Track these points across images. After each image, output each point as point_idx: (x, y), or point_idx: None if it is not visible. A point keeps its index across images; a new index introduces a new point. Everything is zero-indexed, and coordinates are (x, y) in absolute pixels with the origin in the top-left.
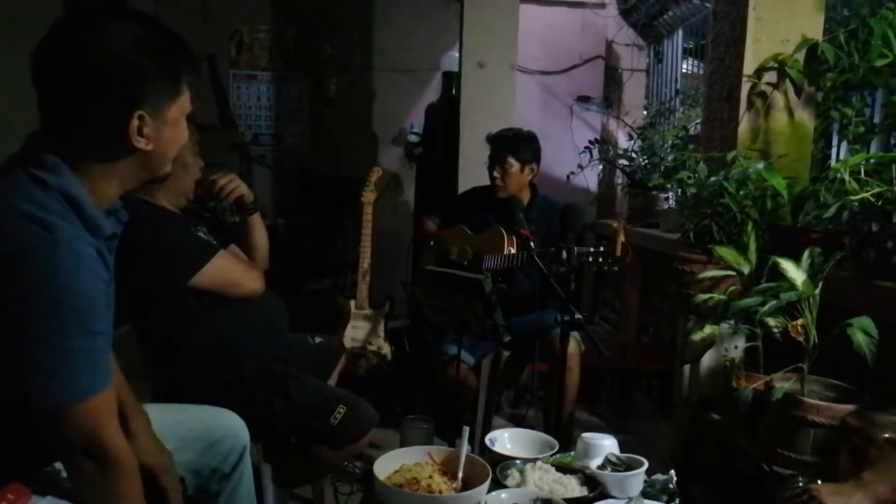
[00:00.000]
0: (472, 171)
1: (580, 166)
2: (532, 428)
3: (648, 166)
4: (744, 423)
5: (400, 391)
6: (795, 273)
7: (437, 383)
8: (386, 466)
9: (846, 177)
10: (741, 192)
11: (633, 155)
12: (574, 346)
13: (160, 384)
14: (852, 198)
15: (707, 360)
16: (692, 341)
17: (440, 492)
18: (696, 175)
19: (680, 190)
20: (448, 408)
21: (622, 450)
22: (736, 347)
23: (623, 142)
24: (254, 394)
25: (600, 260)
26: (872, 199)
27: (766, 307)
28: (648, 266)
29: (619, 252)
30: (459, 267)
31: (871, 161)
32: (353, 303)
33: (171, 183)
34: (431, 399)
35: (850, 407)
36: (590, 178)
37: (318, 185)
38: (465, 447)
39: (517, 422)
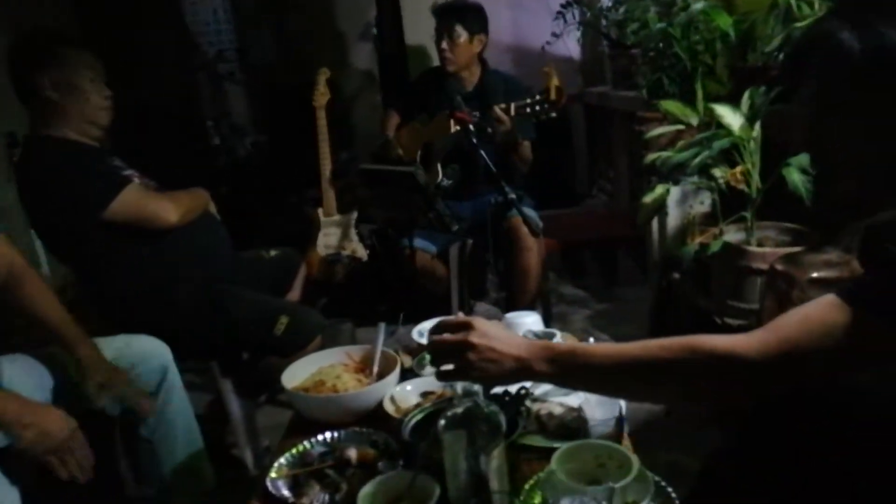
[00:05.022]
0: (419, 51)
1: (554, 34)
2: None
3: (625, 22)
4: (699, 278)
5: (381, 290)
6: (732, 118)
7: (406, 277)
8: (300, 372)
9: (793, 1)
10: (694, 38)
11: (608, 13)
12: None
13: (99, 318)
14: (797, 25)
15: (673, 219)
16: (644, 203)
17: (346, 390)
18: (647, 26)
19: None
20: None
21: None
22: (702, 203)
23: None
24: (192, 317)
25: (537, 109)
26: None
27: (697, 159)
28: (634, 132)
29: (553, 95)
30: (405, 163)
31: None
32: (320, 211)
33: (72, 113)
34: (410, 294)
35: (788, 250)
36: (571, 46)
37: (288, 95)
38: (380, 343)
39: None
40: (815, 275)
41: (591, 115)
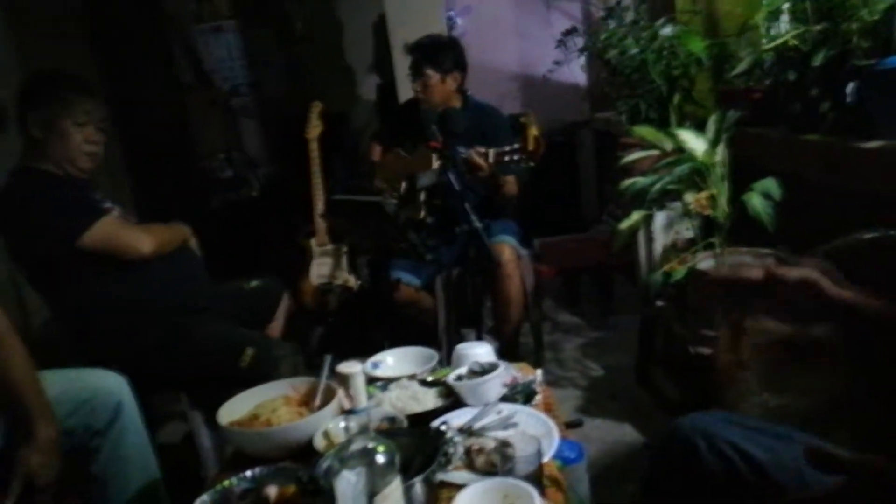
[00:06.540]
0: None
1: (556, 62)
2: None
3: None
4: (677, 307)
5: (378, 320)
6: (695, 143)
7: (394, 309)
8: (241, 405)
9: (760, 23)
10: (673, 63)
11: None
12: (509, 252)
13: (69, 350)
14: (765, 47)
15: (659, 245)
16: (619, 230)
17: (280, 424)
18: (624, 51)
19: None
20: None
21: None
22: (688, 229)
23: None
24: (160, 348)
25: (515, 158)
26: (796, 43)
27: (658, 185)
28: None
29: (531, 146)
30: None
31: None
32: (313, 241)
33: (50, 150)
34: (397, 324)
35: None
36: (577, 73)
37: (298, 128)
38: (325, 375)
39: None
40: None
41: (599, 141)
